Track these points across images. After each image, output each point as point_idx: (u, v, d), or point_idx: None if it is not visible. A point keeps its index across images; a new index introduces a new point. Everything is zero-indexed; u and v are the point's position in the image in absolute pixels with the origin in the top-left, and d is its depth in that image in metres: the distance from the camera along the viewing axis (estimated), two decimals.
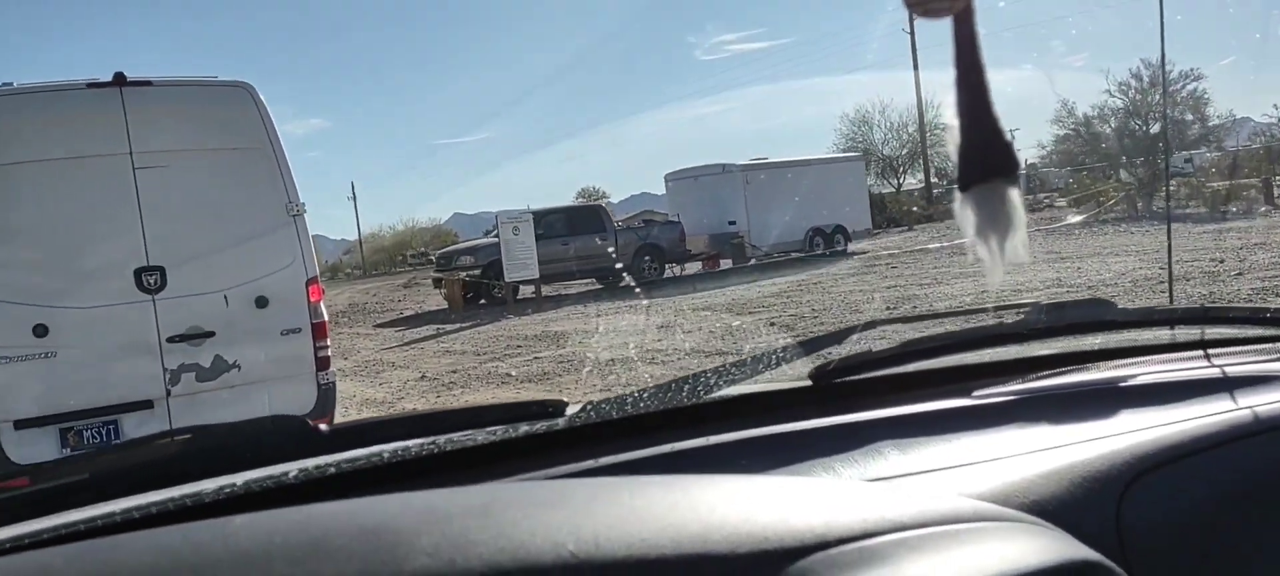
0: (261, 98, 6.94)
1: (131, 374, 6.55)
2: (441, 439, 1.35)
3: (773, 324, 13.58)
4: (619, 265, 24.31)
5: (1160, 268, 14.48)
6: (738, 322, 13.77)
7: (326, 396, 7.17)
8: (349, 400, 10.11)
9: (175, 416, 6.68)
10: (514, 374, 11.59)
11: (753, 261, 25.36)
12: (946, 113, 1.04)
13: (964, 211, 0.94)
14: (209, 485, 1.17)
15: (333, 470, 1.23)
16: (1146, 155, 31.86)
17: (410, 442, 1.34)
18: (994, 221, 0.92)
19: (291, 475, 1.21)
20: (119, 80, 6.49)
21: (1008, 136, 0.90)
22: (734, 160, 27.00)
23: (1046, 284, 13.99)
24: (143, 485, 1.22)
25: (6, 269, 6.23)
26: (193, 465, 1.33)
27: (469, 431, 1.39)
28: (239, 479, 1.19)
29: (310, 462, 1.26)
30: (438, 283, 24.46)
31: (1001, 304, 2.17)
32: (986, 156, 0.89)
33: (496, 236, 22.48)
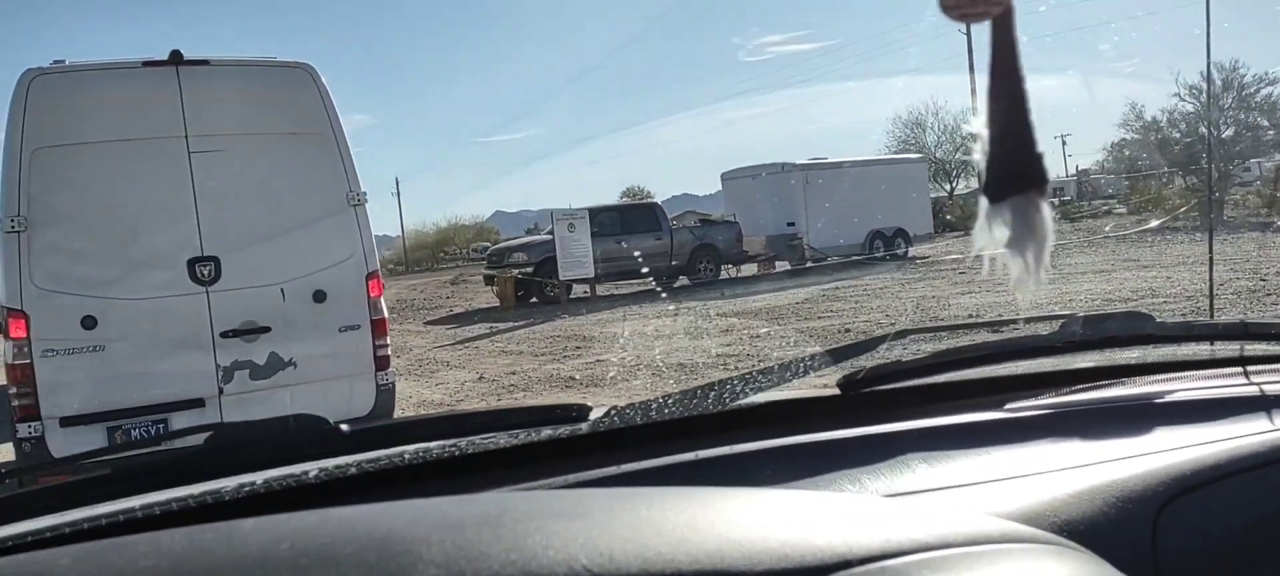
0: (323, 80, 6.55)
1: (183, 370, 6.20)
2: (463, 442, 1.36)
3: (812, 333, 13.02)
4: (675, 265, 23.81)
5: (1247, 277, 13.70)
6: (798, 330, 13.21)
7: (386, 397, 6.77)
8: (405, 401, 9.71)
9: (226, 415, 6.31)
10: (578, 377, 11.13)
11: (810, 264, 24.70)
12: (976, 121, 1.02)
13: (993, 223, 0.90)
14: (229, 483, 1.18)
15: (353, 470, 1.24)
16: (1220, 161, 30.69)
17: (431, 444, 1.35)
18: (1025, 235, 0.89)
19: (311, 475, 1.22)
20: (175, 59, 6.13)
21: (1040, 147, 0.86)
22: (789, 160, 26.36)
23: (1133, 296, 13.28)
24: (165, 482, 1.23)
25: (54, 256, 5.88)
26: (215, 462, 1.35)
27: (492, 434, 1.40)
28: (258, 477, 1.20)
29: (331, 462, 1.27)
30: (489, 280, 24.10)
31: (1035, 315, 2.15)
32: (1019, 167, 0.85)
33: (549, 233, 22.08)
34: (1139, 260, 18.16)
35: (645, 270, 23.95)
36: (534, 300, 22.50)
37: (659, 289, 23.22)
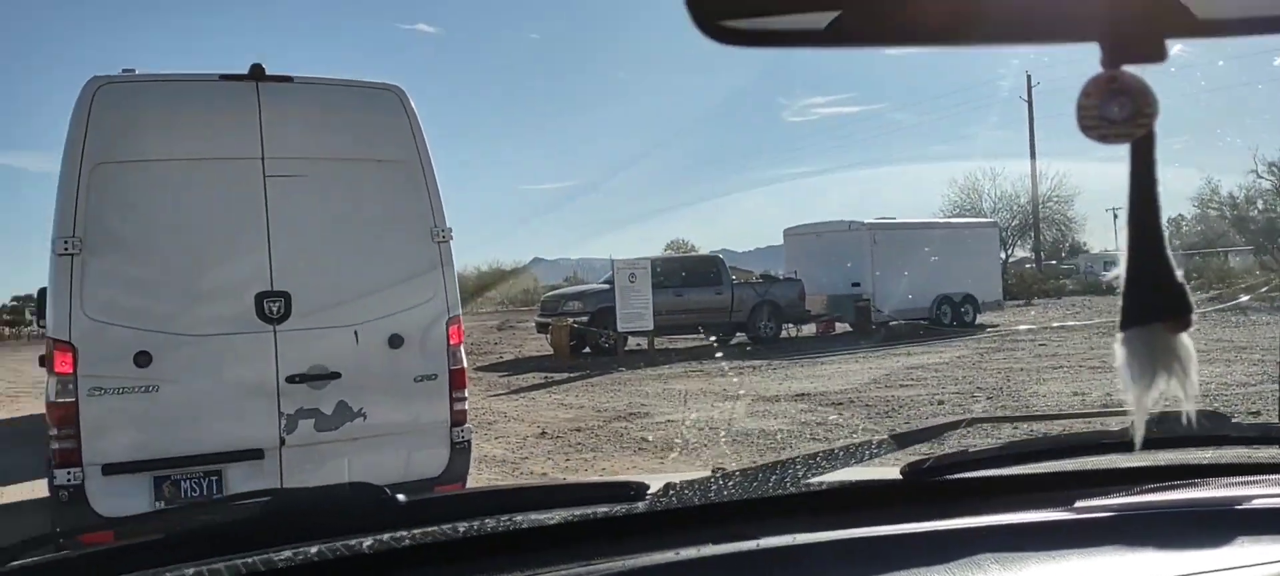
0: (412, 104, 5.94)
1: (242, 417, 5.56)
2: (518, 517, 1.38)
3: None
4: (734, 320, 23.03)
5: None
6: (869, 406, 12.39)
7: (460, 456, 6.10)
8: None
9: (287, 470, 5.64)
10: (650, 438, 10.38)
11: (874, 326, 23.79)
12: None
13: (1132, 352, 0.80)
14: (284, 552, 1.21)
15: (407, 542, 1.27)
16: None
17: (486, 520, 1.35)
18: (1163, 366, 0.79)
19: (366, 546, 1.25)
20: (256, 74, 5.55)
21: (1181, 276, 0.78)
22: (856, 217, 25.56)
23: (1214, 388, 12.31)
24: (219, 548, 1.24)
25: (109, 284, 5.27)
26: (270, 528, 1.36)
27: (547, 512, 1.40)
28: (313, 548, 1.22)
29: (387, 535, 1.29)
30: (542, 327, 23.46)
31: (1106, 409, 1.84)
32: (1158, 296, 0.77)
33: (607, 282, 21.42)
34: (1231, 341, 17.10)
35: (703, 325, 23.21)
36: (587, 350, 21.82)
37: (715, 345, 22.47)
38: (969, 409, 11.30)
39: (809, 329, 24.89)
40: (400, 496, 1.42)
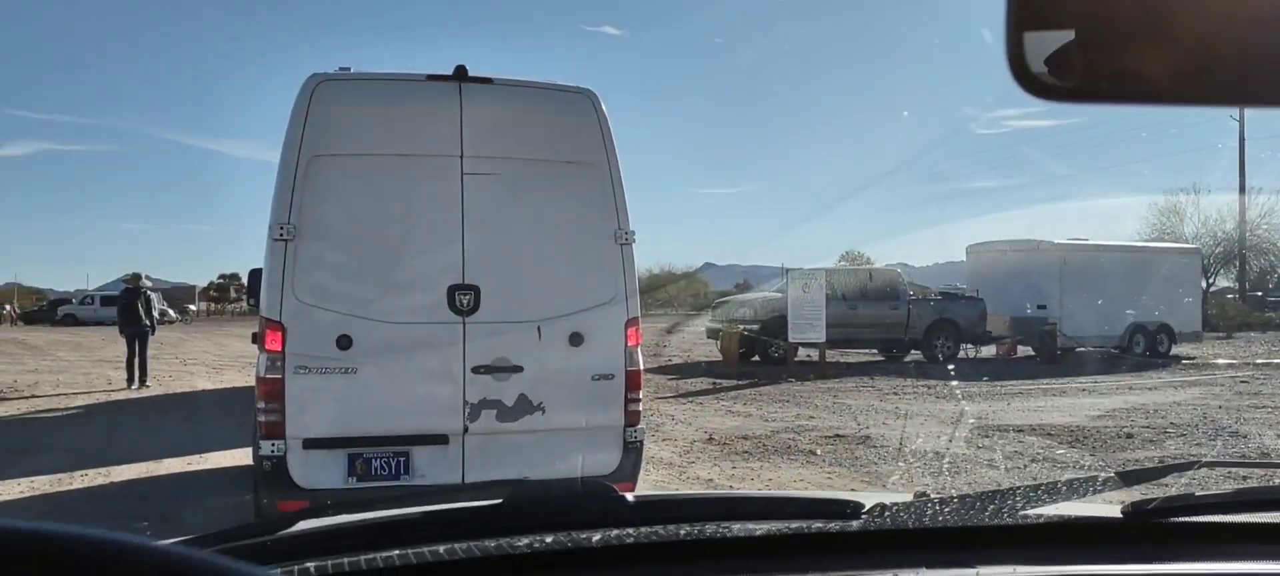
0: (603, 107, 6.05)
1: (430, 403, 5.80)
2: (735, 526, 1.40)
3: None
4: (909, 338, 22.43)
5: None
6: (1061, 452, 11.80)
7: (633, 456, 6.16)
8: None
9: (468, 456, 5.85)
10: (818, 453, 10.23)
11: (1060, 352, 22.68)
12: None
13: None
14: (521, 541, 1.29)
15: (631, 540, 1.32)
16: None
17: (706, 525, 1.39)
18: None
19: (595, 540, 1.31)
20: (460, 75, 5.79)
21: None
22: (1045, 237, 24.44)
23: None
24: (465, 534, 1.32)
25: (318, 269, 5.61)
26: (512, 518, 1.42)
27: (763, 521, 1.43)
28: (548, 537, 1.31)
29: (614, 532, 1.35)
30: (713, 333, 23.49)
31: None
32: None
33: (780, 292, 21.25)
34: None
35: (877, 341, 22.69)
36: (756, 358, 21.72)
37: (887, 360, 21.92)
38: (1161, 446, 10.64)
39: (988, 351, 24.00)
40: (629, 496, 1.48)
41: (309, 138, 5.54)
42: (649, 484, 8.28)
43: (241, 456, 8.38)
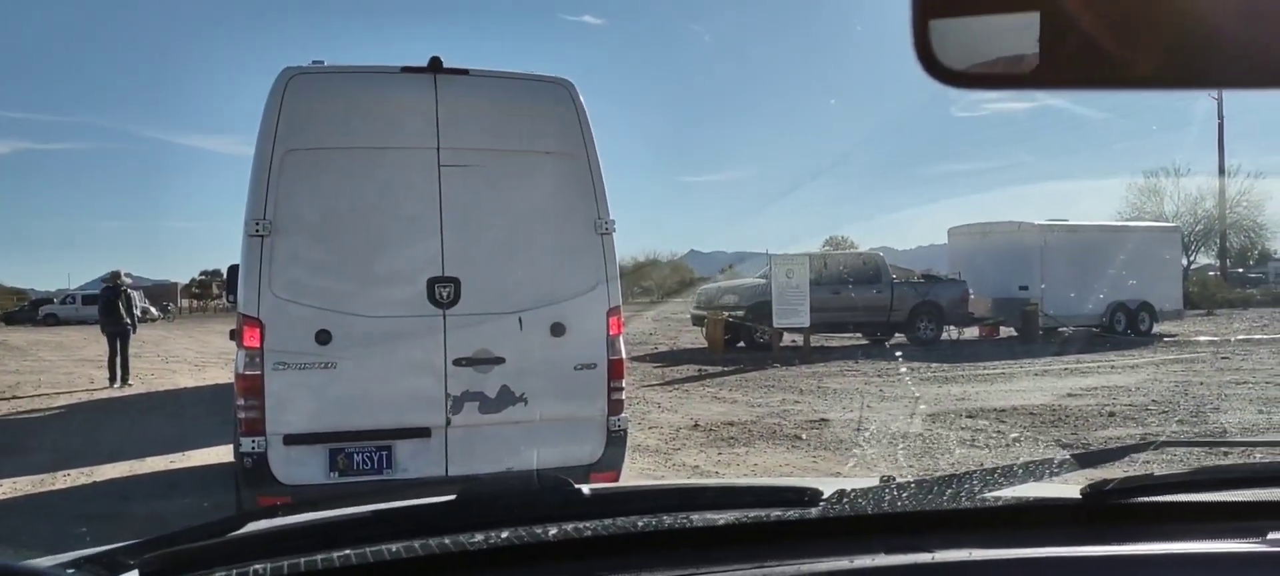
0: (581, 98, 6.03)
1: (412, 396, 5.78)
2: (694, 516, 1.41)
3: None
4: (893, 321, 22.50)
5: None
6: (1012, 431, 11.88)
7: (616, 446, 6.16)
8: None
9: (451, 449, 5.84)
10: (803, 437, 10.26)
11: (1042, 332, 22.79)
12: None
13: None
14: (477, 536, 1.29)
15: (588, 533, 1.33)
16: None
17: (665, 516, 1.40)
18: None
19: (551, 535, 1.31)
20: (435, 66, 5.76)
21: None
22: (1025, 219, 24.54)
23: None
24: (418, 531, 1.31)
25: (295, 265, 5.57)
26: (466, 514, 1.42)
27: (721, 511, 1.43)
28: (503, 533, 1.30)
29: (570, 526, 1.34)
30: (697, 320, 23.53)
31: None
32: None
33: (764, 277, 21.28)
34: None
35: (861, 325, 22.76)
36: (742, 344, 21.76)
37: (871, 344, 21.99)
38: (1143, 422, 10.72)
39: (971, 332, 24.11)
40: (584, 488, 1.46)
41: (283, 132, 5.51)
42: (635, 471, 8.30)
43: (224, 453, 8.35)
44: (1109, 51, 0.67)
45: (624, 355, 6.25)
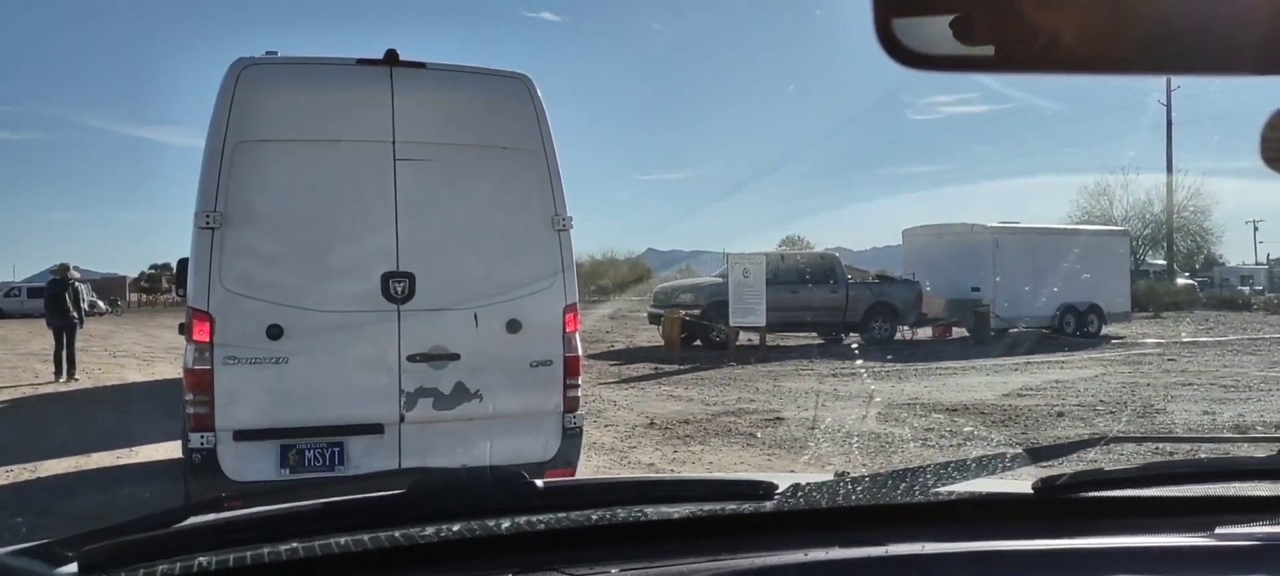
0: (539, 94, 6.01)
1: (365, 392, 5.72)
2: (649, 509, 1.40)
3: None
4: (847, 320, 22.68)
5: None
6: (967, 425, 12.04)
7: (572, 441, 6.16)
8: None
9: (405, 445, 5.79)
10: (758, 435, 10.31)
11: (993, 333, 23.10)
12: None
13: None
14: (427, 529, 1.27)
15: (541, 527, 1.32)
16: None
17: (618, 509, 1.38)
18: None
19: (504, 528, 1.31)
20: (391, 59, 5.70)
21: None
22: (980, 221, 24.85)
23: None
24: (365, 523, 1.30)
25: (246, 258, 5.49)
26: (416, 507, 1.40)
27: (676, 505, 1.42)
28: (455, 526, 1.29)
29: (523, 519, 1.33)
30: (654, 319, 23.53)
31: (1257, 433, 1.72)
32: None
33: (721, 276, 21.33)
34: None
35: (816, 324, 22.91)
36: (698, 343, 21.80)
37: (826, 343, 22.14)
38: (1091, 422, 10.90)
39: (924, 332, 24.37)
40: (538, 482, 1.45)
41: (234, 122, 5.42)
42: (590, 469, 8.28)
43: (173, 449, 8.22)
44: (1066, 35, 0.68)
45: (580, 352, 6.24)
